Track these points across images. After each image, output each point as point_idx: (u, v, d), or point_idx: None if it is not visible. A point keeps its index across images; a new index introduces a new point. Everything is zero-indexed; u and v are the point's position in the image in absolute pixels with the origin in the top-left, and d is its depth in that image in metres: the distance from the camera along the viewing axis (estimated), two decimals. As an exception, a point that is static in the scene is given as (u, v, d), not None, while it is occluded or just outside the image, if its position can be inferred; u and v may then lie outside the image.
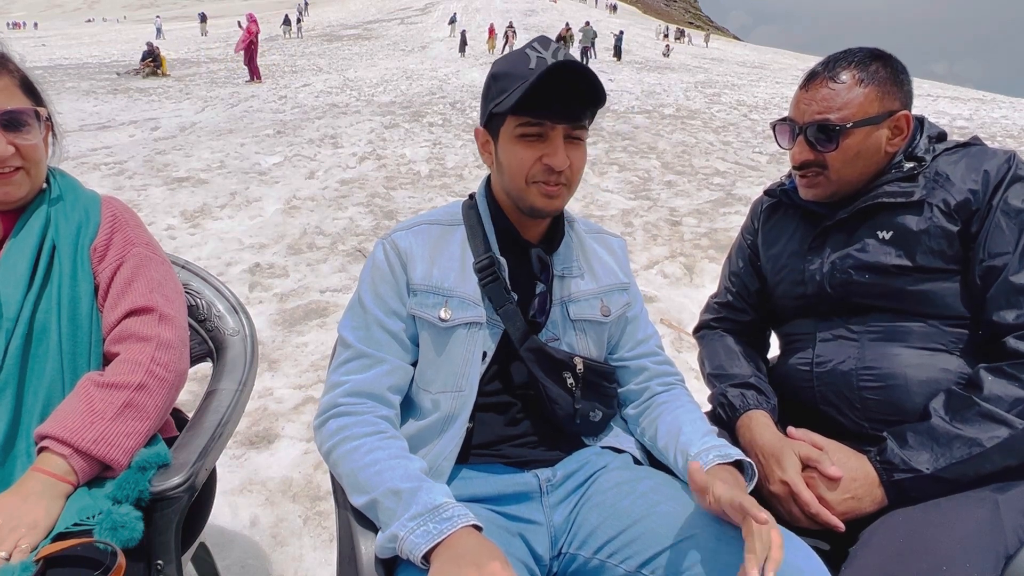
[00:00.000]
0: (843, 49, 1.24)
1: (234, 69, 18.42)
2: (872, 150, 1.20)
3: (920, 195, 1.17)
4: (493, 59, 23.81)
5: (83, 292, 1.10)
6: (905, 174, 1.20)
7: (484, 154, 1.14)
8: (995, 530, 1.01)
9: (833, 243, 1.25)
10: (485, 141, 1.13)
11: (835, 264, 1.23)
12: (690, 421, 1.11)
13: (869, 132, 1.19)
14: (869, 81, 1.18)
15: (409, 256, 1.12)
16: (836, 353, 1.21)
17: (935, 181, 1.18)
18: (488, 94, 1.09)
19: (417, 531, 0.88)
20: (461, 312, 1.09)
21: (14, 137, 1.07)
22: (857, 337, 1.20)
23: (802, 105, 1.23)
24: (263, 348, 3.06)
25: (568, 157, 1.05)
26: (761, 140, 9.13)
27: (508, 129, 1.06)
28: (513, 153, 1.06)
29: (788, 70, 29.67)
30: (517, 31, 30.52)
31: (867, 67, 1.19)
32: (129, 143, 8.11)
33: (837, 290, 1.23)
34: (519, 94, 1.00)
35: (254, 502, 2.09)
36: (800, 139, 1.23)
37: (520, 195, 1.09)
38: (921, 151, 1.22)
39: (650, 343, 1.26)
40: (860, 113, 1.18)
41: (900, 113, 1.19)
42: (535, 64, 1.03)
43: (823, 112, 1.19)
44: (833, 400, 1.21)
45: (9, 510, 0.89)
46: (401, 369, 1.10)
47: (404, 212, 5.31)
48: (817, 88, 1.21)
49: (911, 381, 1.13)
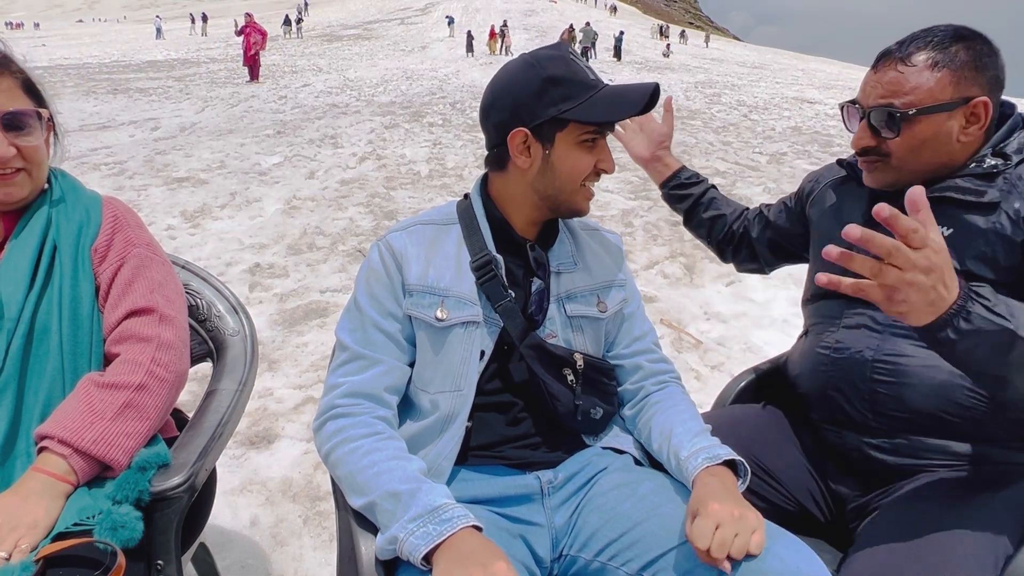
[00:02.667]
0: (925, 27, 1.13)
1: (234, 69, 18.42)
2: (942, 139, 1.10)
3: (992, 197, 1.07)
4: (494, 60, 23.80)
5: (84, 292, 1.10)
6: (984, 171, 1.10)
7: (521, 156, 1.10)
8: (994, 530, 1.01)
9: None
10: (524, 142, 1.09)
11: None
12: (682, 421, 1.11)
13: (939, 120, 1.09)
14: (945, 64, 1.08)
15: (404, 256, 1.12)
16: (857, 341, 1.18)
17: (1015, 185, 1.08)
18: (544, 97, 1.06)
19: (417, 532, 0.88)
20: (457, 311, 1.09)
21: (15, 138, 1.06)
22: (881, 330, 1.16)
23: (868, 87, 1.15)
24: (263, 348, 3.06)
25: None
26: (761, 140, 9.13)
27: (572, 135, 1.08)
28: (576, 158, 1.09)
29: (788, 70, 29.67)
30: (516, 31, 30.50)
31: (946, 48, 1.08)
32: (129, 143, 8.11)
33: None
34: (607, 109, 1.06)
35: (254, 502, 2.09)
36: (863, 123, 1.15)
37: (568, 198, 1.12)
38: (1012, 149, 1.11)
39: (646, 340, 1.26)
40: (929, 99, 1.08)
41: (978, 99, 1.08)
42: (592, 75, 1.09)
43: (887, 96, 1.11)
44: (843, 387, 1.19)
45: (9, 510, 0.89)
46: (398, 369, 1.10)
47: (404, 212, 5.30)
48: (886, 70, 1.12)
49: (924, 383, 1.11)
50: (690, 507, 0.93)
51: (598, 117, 1.06)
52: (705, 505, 0.90)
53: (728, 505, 0.90)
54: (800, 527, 1.16)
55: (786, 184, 6.50)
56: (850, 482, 1.21)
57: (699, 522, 0.88)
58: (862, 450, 1.17)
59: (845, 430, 1.19)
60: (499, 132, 1.11)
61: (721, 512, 0.88)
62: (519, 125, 1.08)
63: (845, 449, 1.20)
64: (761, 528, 0.89)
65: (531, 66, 1.08)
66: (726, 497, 0.92)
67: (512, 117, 1.08)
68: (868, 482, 1.18)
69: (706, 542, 0.85)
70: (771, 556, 0.87)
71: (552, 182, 1.10)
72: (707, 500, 0.91)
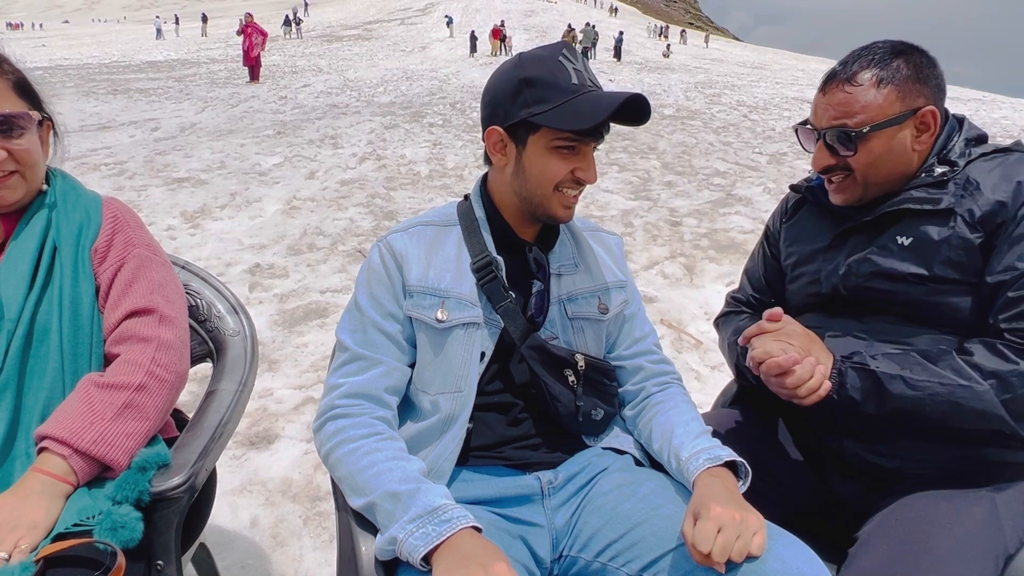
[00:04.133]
0: (864, 45, 1.18)
1: (234, 70, 18.43)
2: (897, 151, 1.15)
3: (948, 203, 1.11)
4: (496, 60, 23.82)
5: (84, 293, 1.10)
6: (935, 179, 1.14)
7: (497, 154, 1.11)
8: (994, 530, 1.01)
9: (853, 245, 1.22)
10: (500, 141, 1.10)
11: (851, 267, 1.20)
12: (683, 423, 1.10)
13: (891, 133, 1.14)
14: (889, 80, 1.12)
15: (404, 258, 1.12)
16: (845, 349, 1.18)
17: (965, 189, 1.12)
18: (517, 98, 1.05)
19: (416, 533, 0.88)
20: (458, 313, 1.09)
21: (6, 142, 1.05)
22: (867, 334, 1.18)
23: (819, 110, 1.19)
24: (263, 348, 3.06)
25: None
26: (761, 140, 9.13)
27: (543, 139, 1.06)
28: (545, 163, 1.07)
29: (788, 70, 29.67)
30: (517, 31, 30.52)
31: (888, 65, 1.13)
32: (129, 143, 8.11)
33: (851, 292, 1.20)
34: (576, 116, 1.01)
35: (254, 502, 2.09)
36: (820, 144, 1.19)
37: (541, 202, 1.10)
38: (955, 154, 1.15)
39: (647, 341, 1.26)
40: (879, 115, 1.12)
41: (925, 109, 1.13)
42: (576, 79, 1.04)
43: (840, 117, 1.15)
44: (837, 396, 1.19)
45: (9, 510, 0.89)
46: (398, 370, 1.11)
47: (404, 212, 5.30)
48: (834, 92, 1.16)
49: None
50: (691, 508, 0.93)
51: (563, 124, 1.02)
52: (707, 508, 0.90)
53: (730, 508, 0.89)
54: (800, 527, 1.16)
55: (785, 184, 6.50)
56: (850, 483, 1.21)
57: (701, 525, 0.87)
58: (861, 455, 1.17)
59: (843, 437, 1.19)
60: (483, 128, 1.12)
61: (723, 515, 0.88)
62: (495, 123, 1.09)
63: (844, 453, 1.20)
64: (762, 530, 0.89)
65: (515, 66, 1.08)
66: (728, 499, 0.91)
67: (491, 115, 1.10)
68: (868, 483, 1.18)
69: (708, 546, 0.85)
70: (772, 557, 0.87)
71: (525, 184, 1.10)
72: (709, 502, 0.91)
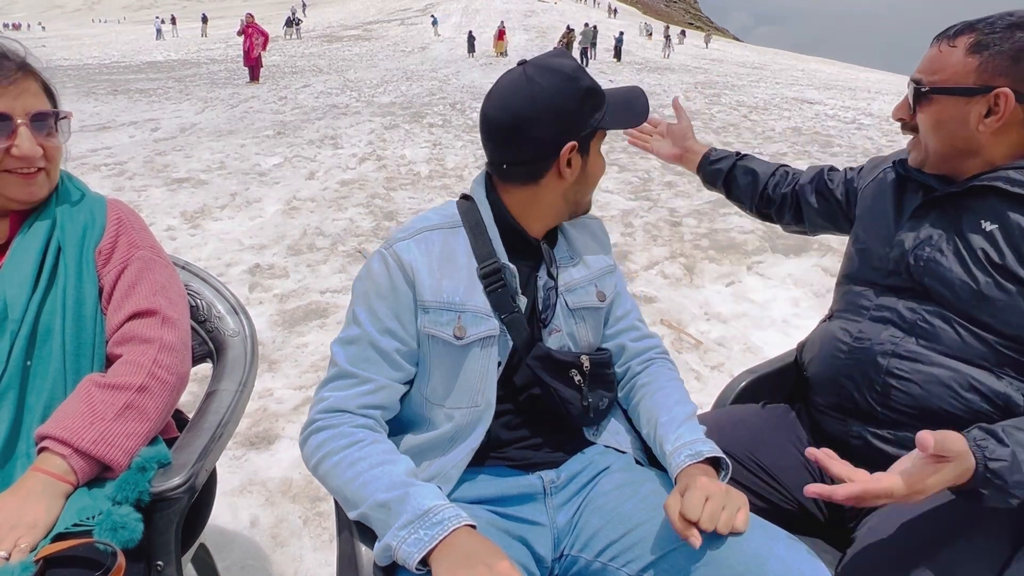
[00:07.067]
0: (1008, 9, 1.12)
1: (234, 70, 18.43)
2: (956, 123, 1.10)
3: None
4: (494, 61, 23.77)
5: (88, 294, 1.10)
6: None
7: (567, 168, 1.08)
8: (995, 530, 1.01)
9: (934, 219, 1.16)
10: (574, 154, 1.08)
11: (926, 240, 1.15)
12: (666, 409, 1.12)
13: (955, 103, 1.09)
14: (981, 50, 1.06)
15: (415, 271, 1.07)
16: (880, 334, 1.17)
17: None
18: (584, 108, 1.06)
19: (409, 540, 0.88)
20: (475, 327, 1.07)
21: (42, 139, 1.08)
22: (909, 326, 1.15)
23: (921, 62, 1.17)
24: (263, 349, 3.06)
25: None
26: (761, 141, 9.13)
27: (598, 142, 1.14)
28: (598, 164, 1.16)
29: (788, 70, 29.69)
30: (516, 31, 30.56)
31: (992, 35, 1.06)
32: (129, 144, 8.11)
33: (917, 267, 1.15)
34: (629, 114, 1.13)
35: (254, 503, 2.09)
36: (906, 95, 1.19)
37: (589, 200, 1.19)
38: None
39: (629, 318, 1.26)
40: (950, 80, 1.09)
41: (999, 90, 1.05)
42: (603, 82, 1.16)
43: (923, 72, 1.14)
44: (855, 376, 1.19)
45: (9, 510, 0.89)
46: (387, 388, 1.08)
47: (404, 213, 5.30)
48: (935, 46, 1.14)
49: (937, 386, 1.10)
50: (673, 492, 0.95)
51: (625, 124, 1.13)
52: (694, 480, 0.94)
53: (716, 482, 0.94)
54: (800, 527, 1.17)
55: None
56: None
57: (689, 495, 0.91)
58: (865, 438, 1.17)
59: (851, 418, 1.19)
60: (540, 147, 1.06)
61: (710, 486, 0.92)
62: (569, 139, 1.06)
63: (847, 437, 1.20)
64: (745, 507, 0.92)
65: (568, 78, 1.05)
66: (711, 480, 0.95)
67: (561, 132, 1.06)
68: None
69: (696, 514, 0.87)
70: (772, 557, 0.88)
71: (584, 188, 1.15)
72: (696, 476, 0.95)
